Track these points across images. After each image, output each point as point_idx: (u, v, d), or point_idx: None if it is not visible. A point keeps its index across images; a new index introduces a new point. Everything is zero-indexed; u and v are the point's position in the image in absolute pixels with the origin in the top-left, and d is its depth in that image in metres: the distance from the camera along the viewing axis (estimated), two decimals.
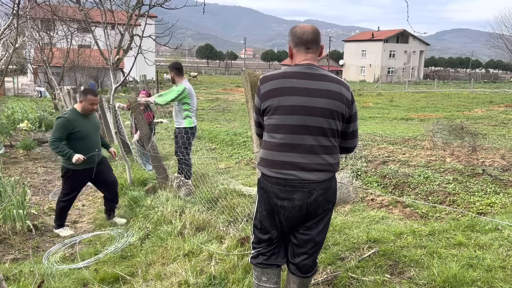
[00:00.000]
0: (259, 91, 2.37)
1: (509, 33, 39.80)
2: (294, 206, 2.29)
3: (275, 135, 2.30)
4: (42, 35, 17.28)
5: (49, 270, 3.72)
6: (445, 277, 2.81)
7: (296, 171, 2.25)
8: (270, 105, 2.30)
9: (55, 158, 9.28)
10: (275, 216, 2.37)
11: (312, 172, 2.26)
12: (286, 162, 2.27)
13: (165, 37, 6.78)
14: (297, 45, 2.37)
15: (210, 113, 17.39)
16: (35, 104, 19.38)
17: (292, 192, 2.27)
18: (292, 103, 2.25)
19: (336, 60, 75.65)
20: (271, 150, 2.32)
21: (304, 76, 2.28)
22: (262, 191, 2.39)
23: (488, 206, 4.64)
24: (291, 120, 2.25)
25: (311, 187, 2.27)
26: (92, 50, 27.54)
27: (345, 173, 5.60)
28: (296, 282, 2.53)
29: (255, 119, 2.55)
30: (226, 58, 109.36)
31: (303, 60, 2.36)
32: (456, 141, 7.60)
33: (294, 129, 2.25)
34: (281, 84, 2.29)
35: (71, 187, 4.86)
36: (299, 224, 2.39)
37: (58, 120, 4.61)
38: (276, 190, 2.30)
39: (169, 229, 4.20)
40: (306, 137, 2.25)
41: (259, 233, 2.49)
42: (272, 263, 2.49)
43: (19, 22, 5.12)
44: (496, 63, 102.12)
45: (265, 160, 2.35)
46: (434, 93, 32.22)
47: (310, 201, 2.28)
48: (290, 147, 2.27)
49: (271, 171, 2.31)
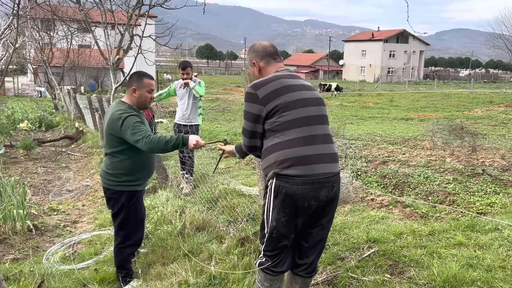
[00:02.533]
0: (257, 97, 2.31)
1: (509, 33, 39.83)
2: (320, 204, 2.29)
3: (288, 132, 2.26)
4: (42, 35, 17.30)
5: (49, 270, 3.72)
6: (445, 277, 2.81)
7: (322, 164, 2.27)
8: (279, 104, 2.28)
9: (55, 158, 9.29)
10: (297, 221, 2.29)
11: (331, 163, 2.32)
12: (311, 155, 2.25)
13: (165, 37, 6.80)
14: (263, 57, 2.51)
15: (210, 113, 17.39)
16: (35, 104, 19.39)
17: (319, 189, 2.25)
18: (302, 97, 2.35)
19: (336, 60, 75.66)
20: (291, 148, 2.24)
21: (294, 76, 2.46)
22: (284, 196, 2.24)
23: (488, 206, 4.64)
24: (306, 112, 2.33)
25: (333, 180, 2.31)
26: (92, 50, 27.52)
27: (345, 173, 5.60)
28: (299, 282, 2.53)
29: (249, 128, 2.39)
30: (226, 58, 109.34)
31: (279, 68, 2.50)
32: (456, 141, 7.59)
33: (310, 121, 2.32)
34: (281, 84, 2.34)
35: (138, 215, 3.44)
36: (313, 223, 2.38)
37: (119, 117, 3.11)
38: (304, 191, 2.22)
39: (169, 229, 4.20)
40: (320, 127, 2.35)
41: (274, 241, 2.36)
42: (280, 270, 2.43)
43: (19, 22, 5.12)
44: (496, 63, 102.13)
45: (288, 160, 2.23)
46: (434, 93, 32.22)
47: (331, 195, 2.31)
48: (311, 139, 2.29)
49: (298, 169, 2.21)
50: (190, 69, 5.48)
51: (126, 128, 3.06)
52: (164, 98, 5.99)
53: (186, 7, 6.24)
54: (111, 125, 3.14)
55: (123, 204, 3.29)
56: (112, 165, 3.24)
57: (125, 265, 3.43)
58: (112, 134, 3.16)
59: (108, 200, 3.36)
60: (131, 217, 3.36)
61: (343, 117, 15.40)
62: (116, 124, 3.10)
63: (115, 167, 3.23)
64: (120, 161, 3.21)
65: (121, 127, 3.08)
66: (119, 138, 3.14)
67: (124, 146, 3.17)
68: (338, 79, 62.05)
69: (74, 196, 6.55)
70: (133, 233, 3.42)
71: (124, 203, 3.28)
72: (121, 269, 3.42)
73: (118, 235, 3.39)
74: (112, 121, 3.14)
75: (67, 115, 15.79)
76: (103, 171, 3.30)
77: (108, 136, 3.20)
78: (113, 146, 3.20)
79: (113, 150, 3.21)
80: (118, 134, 3.12)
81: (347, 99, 26.86)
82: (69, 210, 5.81)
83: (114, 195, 3.28)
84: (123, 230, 3.37)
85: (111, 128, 3.15)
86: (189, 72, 5.44)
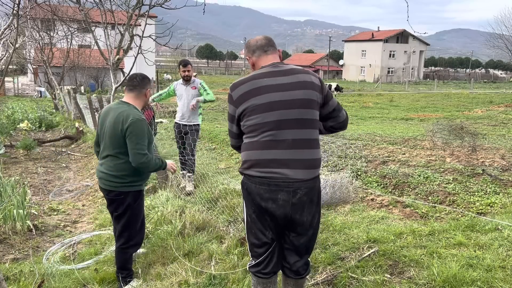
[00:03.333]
0: (231, 98, 2.37)
1: (509, 33, 39.83)
2: (279, 207, 2.26)
3: (257, 134, 2.28)
4: (42, 35, 17.29)
5: (49, 270, 3.72)
6: (445, 277, 2.82)
7: (282, 169, 2.23)
8: (247, 107, 2.30)
9: (55, 158, 9.29)
10: (267, 220, 2.33)
11: (297, 169, 2.23)
12: (271, 160, 2.24)
13: (165, 37, 6.80)
14: (255, 52, 2.46)
15: (210, 113, 17.38)
16: (35, 104, 19.39)
17: (276, 192, 2.24)
18: (269, 100, 2.26)
19: (336, 60, 75.63)
20: (254, 150, 2.30)
21: (274, 74, 2.32)
22: (246, 193, 2.35)
23: (488, 206, 4.64)
24: (272, 116, 2.25)
25: (296, 186, 2.24)
26: (92, 50, 27.52)
27: (345, 173, 5.60)
28: (291, 283, 2.54)
29: (229, 128, 2.49)
30: (226, 58, 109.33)
31: (268, 62, 2.41)
32: (456, 141, 7.59)
33: (275, 125, 2.25)
34: (253, 85, 2.31)
35: (141, 215, 3.51)
36: (287, 228, 2.36)
37: (141, 122, 3.16)
38: (260, 191, 2.27)
39: (169, 229, 4.20)
40: (288, 132, 2.25)
41: (253, 238, 2.42)
42: (269, 271, 2.44)
43: (19, 22, 5.12)
44: (496, 63, 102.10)
45: (248, 161, 2.32)
46: (434, 93, 32.22)
47: (294, 200, 2.25)
48: (274, 143, 2.25)
49: (255, 170, 2.28)
50: (191, 66, 5.59)
51: (135, 133, 3.08)
52: (164, 98, 6.00)
53: (186, 7, 6.25)
54: (120, 126, 3.11)
55: (129, 205, 3.28)
56: (116, 166, 3.21)
57: (127, 265, 3.44)
58: (119, 135, 3.14)
59: (111, 202, 3.33)
60: (135, 217, 3.37)
61: None
62: (124, 125, 3.09)
63: (120, 169, 3.20)
64: (124, 162, 3.19)
65: (128, 128, 3.08)
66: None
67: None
68: (338, 79, 62.06)
69: (74, 196, 6.55)
70: (136, 233, 3.42)
71: (130, 203, 3.28)
72: (122, 270, 3.41)
73: (122, 236, 3.36)
74: (121, 122, 3.11)
75: (67, 115, 15.79)
76: (106, 174, 3.25)
77: (115, 136, 3.16)
78: (118, 147, 3.17)
79: (118, 151, 3.18)
80: (125, 134, 3.11)
81: (347, 99, 26.86)
82: (69, 210, 5.81)
83: (118, 196, 3.26)
84: (127, 231, 3.36)
85: (119, 129, 3.12)
86: (189, 69, 5.52)
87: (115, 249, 3.47)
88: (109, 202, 3.35)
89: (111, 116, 3.20)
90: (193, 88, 5.58)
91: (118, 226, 3.38)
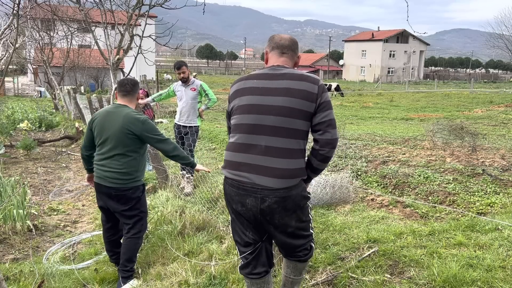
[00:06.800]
0: (229, 94, 2.42)
1: (509, 33, 39.85)
2: (248, 210, 2.22)
3: (234, 135, 2.29)
4: (42, 35, 17.29)
5: (49, 270, 3.72)
6: (445, 277, 2.81)
7: (251, 174, 2.17)
8: (233, 106, 2.34)
9: (55, 158, 9.29)
10: (242, 219, 2.32)
11: (266, 177, 2.14)
12: (241, 163, 2.21)
13: (165, 37, 6.79)
14: (273, 49, 2.39)
15: (210, 113, 17.38)
16: (35, 104, 19.38)
17: (245, 196, 2.20)
18: (248, 102, 2.25)
19: (336, 60, 75.67)
20: (229, 151, 2.30)
21: (265, 76, 2.28)
22: (224, 192, 2.36)
23: (488, 206, 4.64)
24: (248, 119, 2.23)
25: (264, 193, 2.14)
26: (92, 50, 27.55)
27: (345, 173, 5.60)
28: (290, 266, 2.50)
29: (227, 125, 2.52)
30: (226, 58, 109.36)
31: (274, 63, 2.35)
32: (456, 141, 7.59)
33: (249, 129, 2.22)
34: (244, 85, 2.33)
35: (145, 206, 3.72)
36: (265, 228, 2.31)
37: (150, 121, 3.47)
38: (232, 193, 2.26)
39: (169, 229, 4.20)
40: (261, 138, 2.18)
41: (236, 237, 2.41)
42: (260, 271, 2.42)
43: (19, 22, 5.12)
44: (496, 63, 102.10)
45: (225, 161, 2.33)
46: (434, 93, 32.21)
47: (263, 207, 2.17)
48: (245, 147, 2.21)
49: (228, 172, 2.27)
50: (185, 67, 5.52)
51: (149, 130, 3.37)
52: (163, 99, 6.01)
53: (186, 7, 6.24)
54: (129, 126, 3.31)
55: (138, 197, 3.50)
56: (125, 164, 3.37)
57: (134, 257, 3.56)
58: (129, 134, 3.32)
59: (118, 199, 3.43)
60: (145, 205, 3.65)
61: (343, 117, 15.41)
62: (136, 125, 3.32)
63: (129, 165, 3.38)
64: (133, 159, 3.40)
65: (142, 126, 3.33)
66: (137, 137, 3.34)
67: (140, 145, 3.41)
68: (338, 79, 62.06)
69: (74, 196, 6.55)
70: (146, 222, 3.69)
71: (139, 195, 3.52)
72: (129, 262, 3.49)
73: (135, 226, 3.51)
74: (130, 122, 3.32)
75: (67, 115, 15.78)
76: (114, 172, 3.36)
77: (123, 136, 3.33)
78: (127, 145, 3.35)
79: (128, 149, 3.36)
80: (139, 133, 3.33)
81: (347, 99, 26.88)
82: (69, 210, 5.81)
83: (125, 191, 3.41)
84: (141, 220, 3.56)
85: (128, 129, 3.31)
86: (184, 70, 5.47)
87: (124, 241, 3.52)
88: (115, 200, 3.43)
89: (115, 117, 3.36)
90: (193, 89, 5.56)
91: (128, 221, 3.50)
